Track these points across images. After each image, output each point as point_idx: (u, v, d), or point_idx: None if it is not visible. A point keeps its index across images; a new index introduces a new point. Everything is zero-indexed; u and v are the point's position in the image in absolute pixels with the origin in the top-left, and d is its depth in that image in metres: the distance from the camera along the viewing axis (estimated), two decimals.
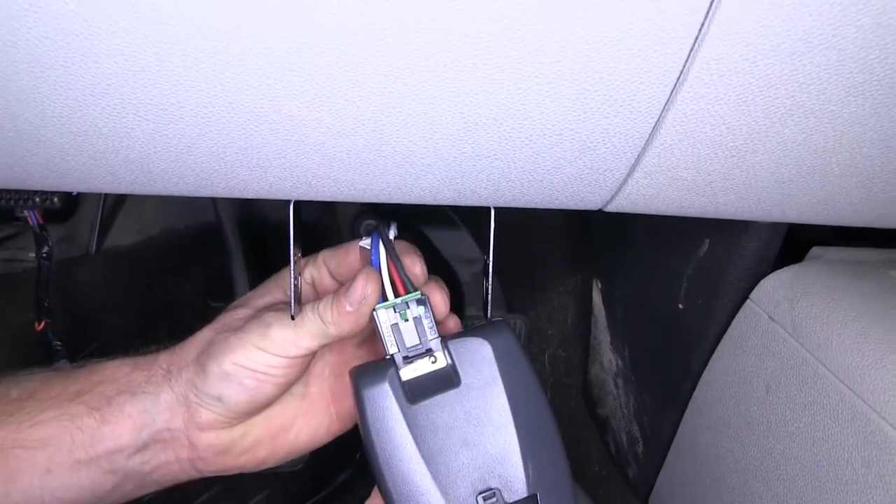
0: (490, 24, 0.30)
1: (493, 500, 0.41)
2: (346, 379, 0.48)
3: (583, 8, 0.29)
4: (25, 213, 0.68)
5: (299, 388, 0.50)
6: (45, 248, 0.69)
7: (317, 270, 0.51)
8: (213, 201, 0.81)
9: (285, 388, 0.47)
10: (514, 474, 0.42)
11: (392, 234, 0.48)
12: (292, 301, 0.46)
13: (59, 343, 0.70)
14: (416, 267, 0.46)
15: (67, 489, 0.44)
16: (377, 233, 0.47)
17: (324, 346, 0.46)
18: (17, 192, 0.67)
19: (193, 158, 0.36)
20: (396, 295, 0.46)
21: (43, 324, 0.70)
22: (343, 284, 0.50)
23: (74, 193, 0.75)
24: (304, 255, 0.51)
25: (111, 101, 0.32)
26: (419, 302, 0.45)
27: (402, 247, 0.48)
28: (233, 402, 0.45)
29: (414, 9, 0.29)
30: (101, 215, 0.81)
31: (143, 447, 0.46)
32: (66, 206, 0.73)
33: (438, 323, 0.46)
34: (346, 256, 0.50)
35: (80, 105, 0.33)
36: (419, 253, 0.48)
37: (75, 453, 0.44)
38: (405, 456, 0.42)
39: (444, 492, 0.41)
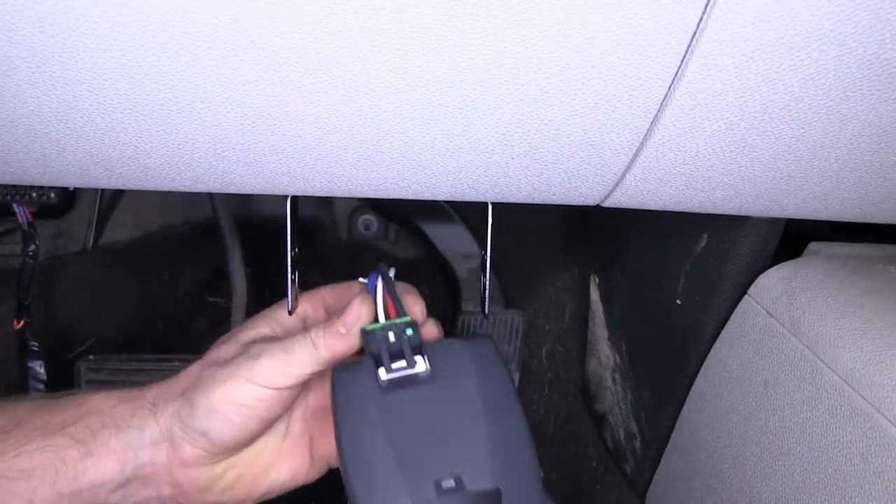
0: (488, 18, 0.30)
1: (453, 486, 0.40)
2: (326, 422, 0.47)
3: (581, 3, 0.29)
4: (15, 210, 0.68)
5: (281, 427, 0.50)
6: (32, 247, 0.69)
7: (312, 309, 0.51)
8: (210, 196, 0.81)
9: (269, 424, 0.47)
10: (479, 466, 0.41)
11: (391, 273, 0.48)
12: (289, 296, 0.46)
13: (36, 344, 0.70)
14: (416, 306, 0.47)
15: None
16: (379, 269, 0.47)
17: (308, 382, 0.47)
18: (14, 187, 0.67)
19: (190, 153, 0.36)
20: (388, 318, 0.46)
21: (22, 322, 0.69)
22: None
23: (71, 189, 0.75)
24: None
25: (108, 96, 0.32)
26: (409, 326, 0.45)
27: (403, 287, 0.48)
28: (218, 437, 0.45)
29: (411, 3, 0.29)
30: (98, 211, 0.80)
31: (125, 483, 0.45)
32: (62, 201, 0.73)
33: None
34: (347, 294, 0.50)
35: (76, 100, 0.32)
36: (420, 298, 0.48)
37: (58, 486, 0.44)
38: (370, 435, 0.41)
39: (405, 474, 0.40)
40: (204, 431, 0.45)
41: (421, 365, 0.44)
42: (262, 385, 0.44)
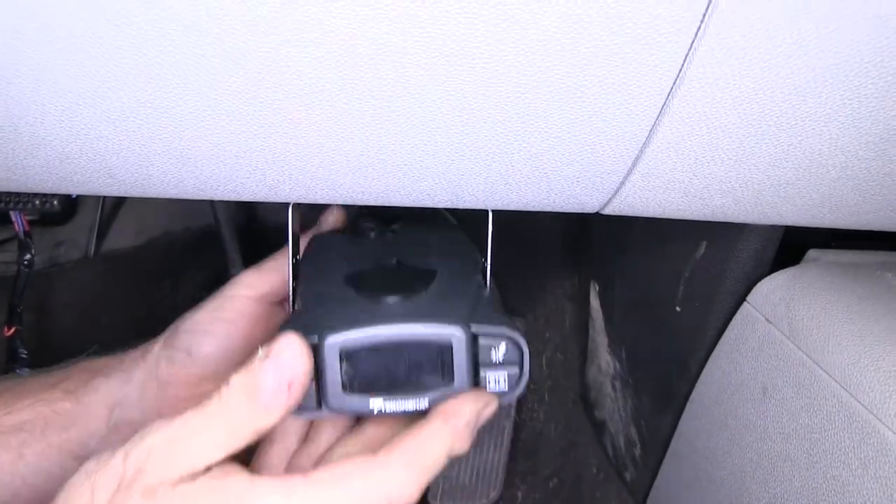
0: (487, 28, 0.30)
1: (394, 265, 0.44)
2: None
3: (580, 13, 0.30)
4: (12, 218, 0.68)
5: None
6: (27, 256, 0.69)
7: None
8: (212, 204, 0.81)
9: (250, 345, 0.49)
10: (420, 256, 0.46)
11: None
12: (290, 302, 0.46)
13: (25, 352, 0.70)
14: None
15: (38, 475, 0.45)
16: None
17: None
18: (18, 194, 0.68)
19: (193, 161, 0.37)
20: None
21: (13, 330, 0.70)
22: None
23: (74, 196, 0.75)
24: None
25: (111, 104, 0.33)
26: None
27: None
28: (202, 353, 0.47)
29: (412, 14, 0.29)
30: (100, 218, 0.81)
31: (112, 430, 0.46)
32: (65, 209, 0.73)
33: None
34: None
35: (80, 108, 0.33)
36: None
37: (48, 436, 0.45)
38: (329, 252, 0.46)
39: (350, 262, 0.45)
40: (188, 348, 0.47)
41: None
42: (245, 295, 0.48)
